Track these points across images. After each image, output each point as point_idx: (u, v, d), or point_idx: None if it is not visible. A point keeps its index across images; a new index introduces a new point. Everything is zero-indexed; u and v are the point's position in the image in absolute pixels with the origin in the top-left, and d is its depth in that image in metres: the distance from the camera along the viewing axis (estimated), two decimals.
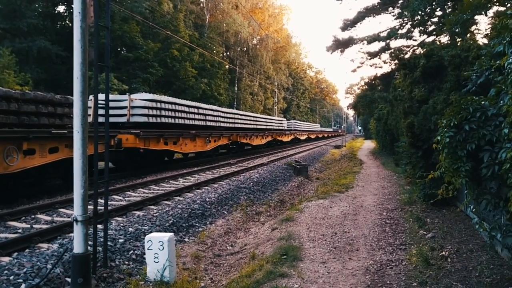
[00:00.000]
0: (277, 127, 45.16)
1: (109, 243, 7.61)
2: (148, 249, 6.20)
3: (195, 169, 20.45)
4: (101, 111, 6.48)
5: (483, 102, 5.63)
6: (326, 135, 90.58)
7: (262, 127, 38.87)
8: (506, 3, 12.42)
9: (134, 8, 39.11)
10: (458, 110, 5.68)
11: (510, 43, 4.77)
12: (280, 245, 8.00)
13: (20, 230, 8.79)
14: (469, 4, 12.88)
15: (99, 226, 7.30)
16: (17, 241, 7.59)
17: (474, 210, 6.82)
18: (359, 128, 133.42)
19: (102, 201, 7.41)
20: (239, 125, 31.81)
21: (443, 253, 7.04)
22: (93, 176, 6.16)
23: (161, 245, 6.13)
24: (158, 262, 6.16)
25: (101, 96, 12.91)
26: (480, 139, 5.34)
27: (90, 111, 14.37)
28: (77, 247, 5.16)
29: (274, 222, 10.64)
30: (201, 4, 61.88)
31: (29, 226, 9.17)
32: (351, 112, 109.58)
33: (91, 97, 13.80)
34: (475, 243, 7.44)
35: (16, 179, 11.83)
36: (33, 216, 10.03)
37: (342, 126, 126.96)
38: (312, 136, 70.65)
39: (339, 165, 27.67)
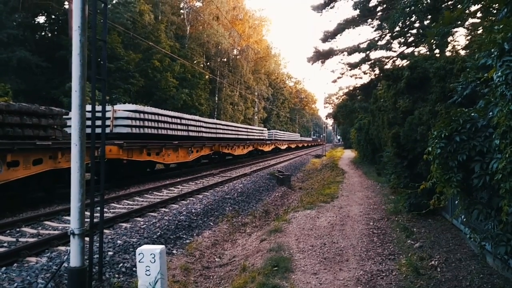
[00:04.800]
0: (258, 137, 45.22)
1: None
2: (139, 261, 6.11)
3: (178, 179, 20.35)
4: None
5: (472, 114, 5.75)
6: (306, 145, 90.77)
7: (244, 137, 38.84)
8: (488, 17, 12.72)
9: (115, 18, 38.85)
10: (449, 121, 5.79)
11: (498, 57, 4.88)
12: (270, 256, 7.99)
13: (5, 244, 8.63)
14: (449, 17, 13.16)
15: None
16: (5, 255, 7.44)
17: (464, 220, 6.92)
18: (338, 137, 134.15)
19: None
20: (221, 135, 31.67)
21: (432, 262, 7.13)
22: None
23: (153, 257, 6.04)
24: (149, 275, 6.07)
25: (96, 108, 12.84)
26: (471, 150, 5.44)
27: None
28: (74, 261, 5.05)
29: (262, 233, 10.63)
30: (182, 15, 61.98)
31: (14, 239, 9.01)
32: (330, 122, 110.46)
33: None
34: (463, 252, 7.54)
35: None
36: (18, 229, 9.87)
37: (322, 136, 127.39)
38: (292, 146, 70.78)
39: (321, 174, 27.78)
